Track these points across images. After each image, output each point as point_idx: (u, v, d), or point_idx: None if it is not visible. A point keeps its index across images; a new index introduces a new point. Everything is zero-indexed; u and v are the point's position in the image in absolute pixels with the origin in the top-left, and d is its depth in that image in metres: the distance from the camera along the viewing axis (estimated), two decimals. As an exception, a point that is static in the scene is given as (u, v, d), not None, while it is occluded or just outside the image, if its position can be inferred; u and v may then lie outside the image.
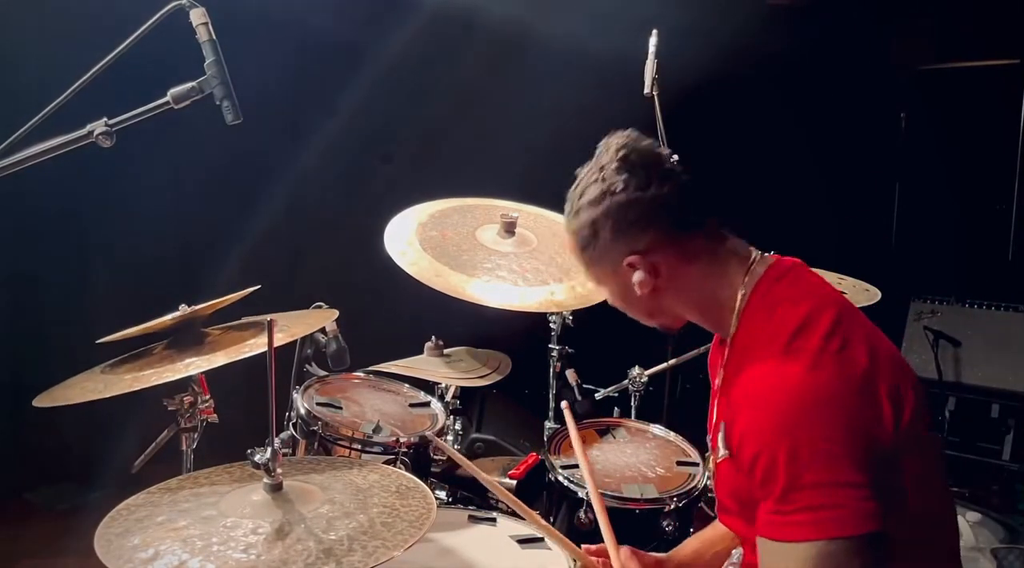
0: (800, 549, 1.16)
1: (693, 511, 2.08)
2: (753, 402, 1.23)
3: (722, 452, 1.33)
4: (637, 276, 1.38)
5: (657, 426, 2.31)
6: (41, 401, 1.65)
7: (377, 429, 2.04)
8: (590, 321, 2.44)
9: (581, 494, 2.01)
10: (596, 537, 1.74)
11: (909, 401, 1.23)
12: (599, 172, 1.38)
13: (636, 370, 2.53)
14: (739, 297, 1.35)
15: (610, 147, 1.39)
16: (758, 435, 1.20)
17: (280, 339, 1.71)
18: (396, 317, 3.18)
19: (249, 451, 1.29)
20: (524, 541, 1.72)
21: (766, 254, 1.40)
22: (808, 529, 1.15)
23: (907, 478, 1.21)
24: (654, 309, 1.45)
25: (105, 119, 1.41)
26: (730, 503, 1.42)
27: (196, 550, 1.20)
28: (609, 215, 1.37)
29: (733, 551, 1.56)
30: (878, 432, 1.19)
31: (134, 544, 1.23)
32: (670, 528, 2.01)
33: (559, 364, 2.49)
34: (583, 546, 1.64)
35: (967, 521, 3.00)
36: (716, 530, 1.65)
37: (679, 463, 2.15)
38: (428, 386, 2.30)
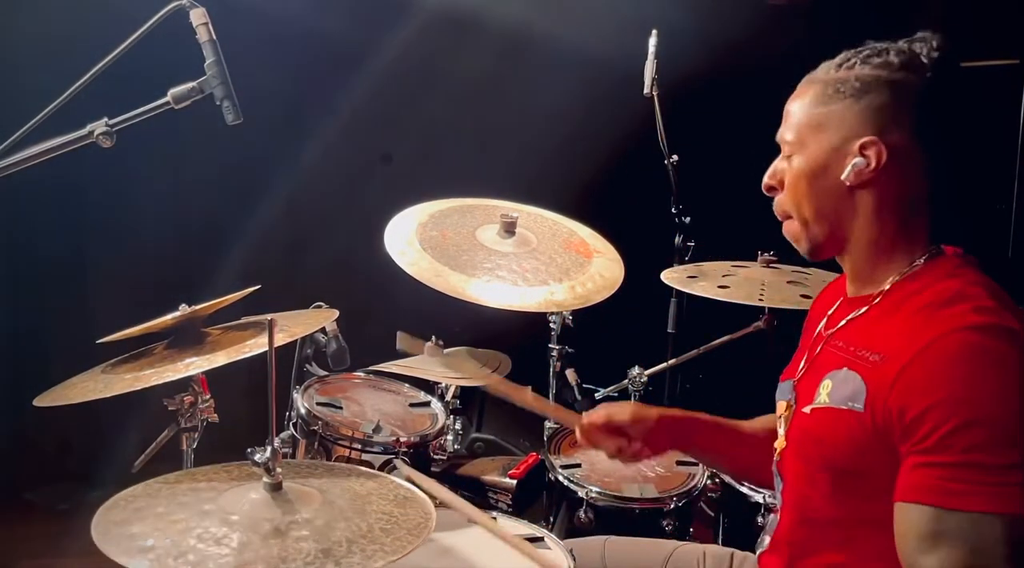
0: (972, 519, 1.09)
1: (693, 511, 2.08)
2: (933, 363, 1.14)
3: (828, 401, 1.26)
4: (859, 162, 1.24)
5: (657, 426, 2.31)
6: (41, 401, 1.64)
7: (377, 429, 2.04)
8: (590, 321, 2.44)
9: (581, 494, 2.01)
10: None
11: None
12: (910, 49, 1.25)
13: (636, 370, 2.53)
14: (913, 260, 1.29)
15: (933, 40, 1.26)
16: (940, 394, 1.12)
17: (280, 339, 1.71)
18: (396, 317, 3.18)
19: (249, 450, 1.29)
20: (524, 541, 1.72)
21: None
22: (987, 500, 1.08)
23: None
24: (830, 210, 1.30)
25: (105, 119, 1.42)
26: (806, 464, 1.32)
27: (193, 543, 1.19)
28: (895, 86, 1.22)
29: (770, 517, 1.49)
30: None
31: (132, 533, 1.22)
32: (670, 528, 2.01)
33: (559, 364, 2.49)
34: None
35: None
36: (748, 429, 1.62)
37: (679, 463, 2.15)
38: (428, 386, 2.31)
